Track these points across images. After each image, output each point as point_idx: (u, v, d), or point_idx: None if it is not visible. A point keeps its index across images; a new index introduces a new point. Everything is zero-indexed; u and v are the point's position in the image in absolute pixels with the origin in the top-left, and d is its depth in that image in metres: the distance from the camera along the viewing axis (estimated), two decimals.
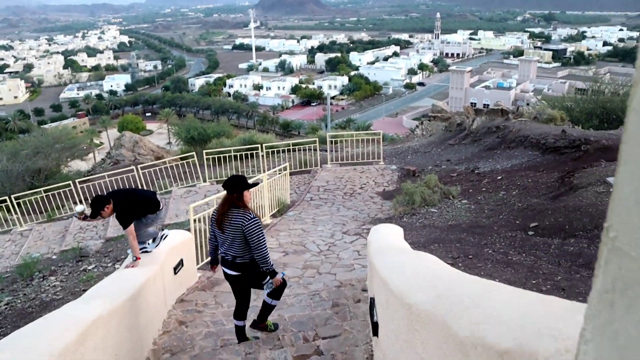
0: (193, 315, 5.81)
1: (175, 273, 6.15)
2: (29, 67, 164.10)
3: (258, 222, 4.68)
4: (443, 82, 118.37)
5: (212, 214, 5.00)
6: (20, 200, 14.61)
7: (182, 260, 6.37)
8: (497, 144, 15.29)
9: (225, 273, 4.97)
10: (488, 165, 13.71)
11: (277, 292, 5.01)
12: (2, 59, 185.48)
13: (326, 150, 17.62)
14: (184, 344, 5.07)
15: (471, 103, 69.63)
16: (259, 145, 15.68)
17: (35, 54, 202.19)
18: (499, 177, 12.00)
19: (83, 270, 9.17)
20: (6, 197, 14.17)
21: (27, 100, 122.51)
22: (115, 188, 15.28)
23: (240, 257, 4.75)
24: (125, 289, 4.53)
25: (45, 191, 14.64)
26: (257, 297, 5.63)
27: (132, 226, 5.53)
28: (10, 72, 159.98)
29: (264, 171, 14.74)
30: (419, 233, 9.22)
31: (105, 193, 5.83)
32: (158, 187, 15.22)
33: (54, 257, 11.48)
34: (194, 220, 7.51)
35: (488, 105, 51.16)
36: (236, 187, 4.72)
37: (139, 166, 15.00)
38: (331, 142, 16.52)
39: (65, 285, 8.21)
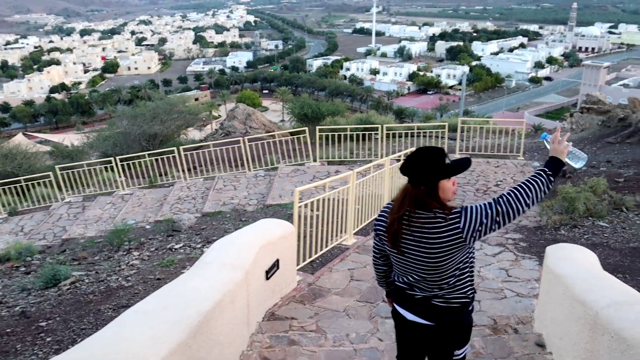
0: (284, 350, 3.97)
1: (267, 278, 4.48)
2: (162, 41, 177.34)
3: (477, 207, 2.40)
4: (573, 77, 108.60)
5: (378, 221, 2.70)
6: (125, 163, 14.00)
7: (277, 260, 4.66)
8: None
9: (398, 317, 2.70)
10: None
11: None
12: (142, 33, 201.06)
13: (454, 139, 15.43)
14: None
15: None
16: (379, 127, 13.85)
17: (169, 29, 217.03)
18: None
19: (169, 249, 7.95)
20: (111, 159, 13.60)
21: (158, 71, 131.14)
22: (219, 159, 14.21)
23: (438, 297, 2.52)
24: (179, 325, 2.72)
25: (149, 155, 13.90)
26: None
27: None
28: (147, 45, 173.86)
29: (382, 157, 12.95)
30: None
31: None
32: (265, 162, 13.96)
33: (148, 226, 10.53)
34: (299, 209, 5.85)
35: None
36: (427, 172, 2.39)
37: (246, 138, 13.79)
38: (461, 129, 14.38)
39: (143, 267, 6.97)
